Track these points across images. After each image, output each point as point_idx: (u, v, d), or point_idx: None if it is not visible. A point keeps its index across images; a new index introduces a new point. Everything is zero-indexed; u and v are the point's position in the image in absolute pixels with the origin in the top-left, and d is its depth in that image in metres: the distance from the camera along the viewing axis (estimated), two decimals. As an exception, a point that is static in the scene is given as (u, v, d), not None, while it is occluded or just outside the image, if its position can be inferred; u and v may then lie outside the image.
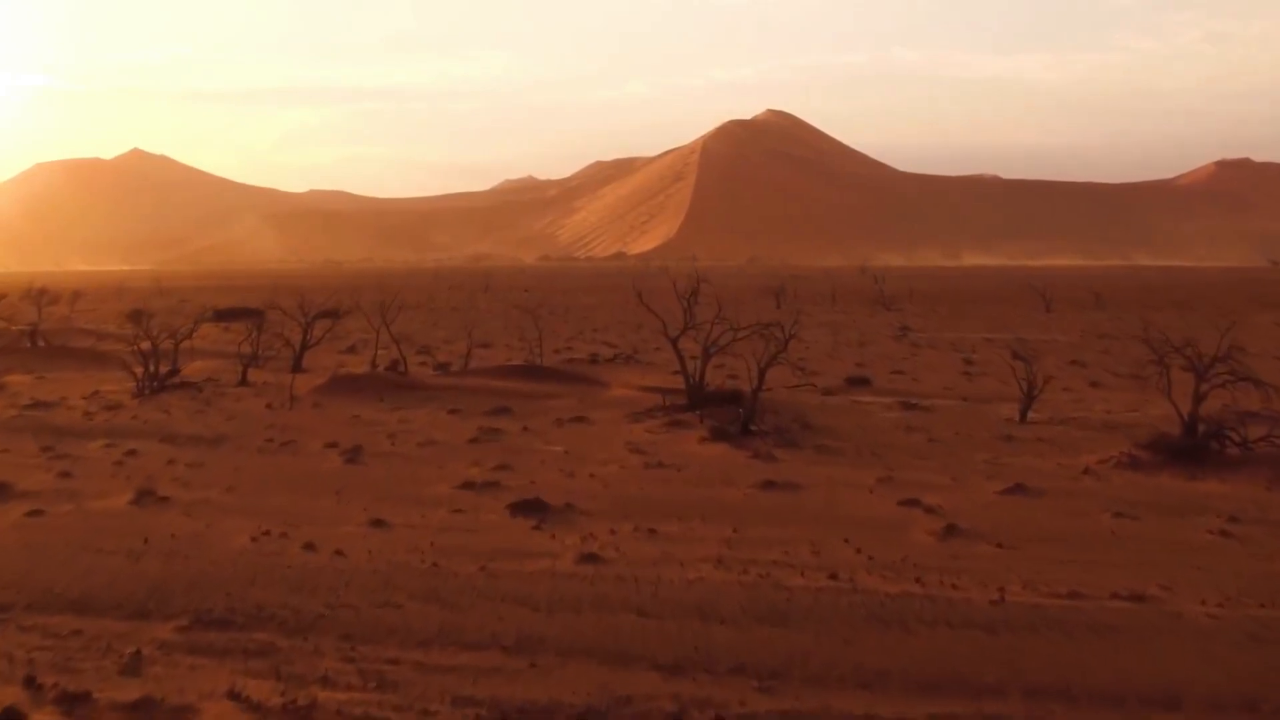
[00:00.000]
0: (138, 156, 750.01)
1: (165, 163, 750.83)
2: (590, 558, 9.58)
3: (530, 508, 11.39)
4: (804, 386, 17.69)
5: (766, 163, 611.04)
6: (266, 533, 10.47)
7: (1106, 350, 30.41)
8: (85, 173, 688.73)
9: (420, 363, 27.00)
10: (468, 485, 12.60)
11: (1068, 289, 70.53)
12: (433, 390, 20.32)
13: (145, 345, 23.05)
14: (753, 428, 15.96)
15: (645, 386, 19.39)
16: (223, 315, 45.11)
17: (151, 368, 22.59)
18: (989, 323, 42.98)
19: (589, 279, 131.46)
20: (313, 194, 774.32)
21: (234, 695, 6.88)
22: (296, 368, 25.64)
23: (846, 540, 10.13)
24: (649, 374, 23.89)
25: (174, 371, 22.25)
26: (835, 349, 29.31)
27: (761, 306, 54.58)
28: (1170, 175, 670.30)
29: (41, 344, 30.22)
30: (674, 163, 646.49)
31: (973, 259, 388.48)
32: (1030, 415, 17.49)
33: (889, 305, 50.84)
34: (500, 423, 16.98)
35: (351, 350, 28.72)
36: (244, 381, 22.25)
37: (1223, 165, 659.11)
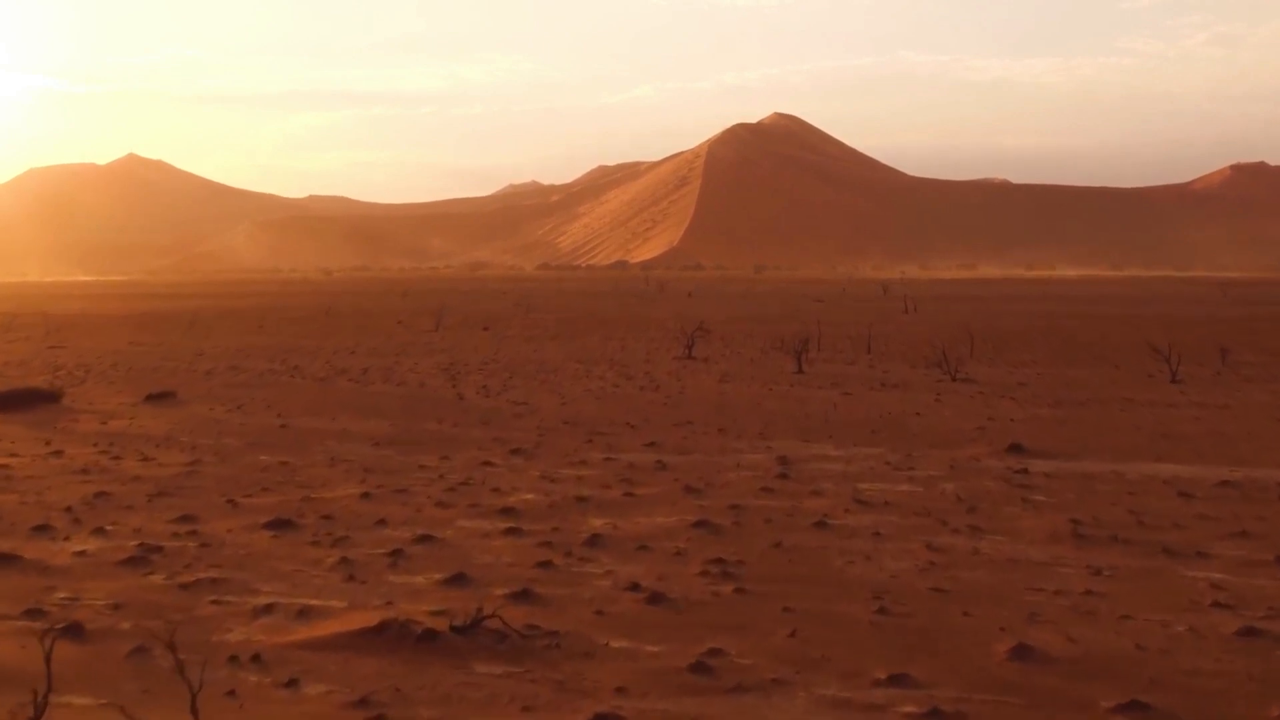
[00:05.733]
0: (133, 161, 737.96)
1: (161, 168, 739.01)
2: None
3: None
4: None
5: (773, 167, 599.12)
6: None
7: None
8: (77, 178, 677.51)
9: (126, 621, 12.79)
10: None
11: (1160, 330, 56.58)
12: None
13: None
14: None
15: None
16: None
17: None
18: (1123, 415, 28.93)
19: (578, 300, 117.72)
20: (311, 199, 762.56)
21: None
22: None
23: None
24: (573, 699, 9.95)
25: None
26: (934, 548, 15.33)
27: (778, 370, 40.78)
28: (1183, 180, 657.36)
29: None
30: (678, 167, 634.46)
31: (988, 267, 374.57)
32: None
33: (955, 373, 37.01)
34: None
35: (102, 532, 15.00)
36: None
37: (1238, 169, 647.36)
